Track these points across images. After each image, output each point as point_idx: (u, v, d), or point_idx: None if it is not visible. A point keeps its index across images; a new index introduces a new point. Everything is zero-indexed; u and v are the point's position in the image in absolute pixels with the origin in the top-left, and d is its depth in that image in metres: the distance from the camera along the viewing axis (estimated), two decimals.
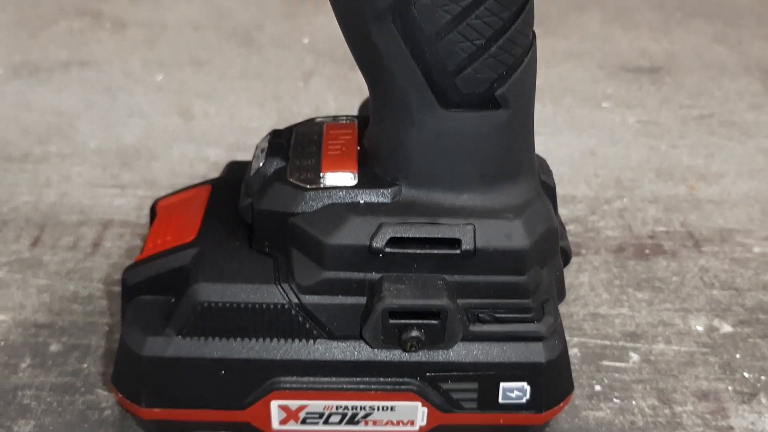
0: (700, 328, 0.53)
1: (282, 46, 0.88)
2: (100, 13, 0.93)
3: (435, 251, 0.39)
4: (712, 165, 0.70)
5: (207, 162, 0.68)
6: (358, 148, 0.42)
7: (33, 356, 0.49)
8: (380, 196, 0.40)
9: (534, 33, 0.39)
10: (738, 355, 0.51)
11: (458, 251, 0.39)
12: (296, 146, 0.43)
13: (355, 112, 0.48)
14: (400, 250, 0.39)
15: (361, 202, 0.40)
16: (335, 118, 0.46)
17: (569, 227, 0.61)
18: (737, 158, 0.71)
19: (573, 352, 0.50)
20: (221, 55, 0.86)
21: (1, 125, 0.72)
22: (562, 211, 0.63)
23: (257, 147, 0.45)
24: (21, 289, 0.54)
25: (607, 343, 0.52)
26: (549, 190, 0.44)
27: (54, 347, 0.50)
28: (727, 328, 0.53)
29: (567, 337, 0.50)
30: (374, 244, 0.39)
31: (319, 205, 0.40)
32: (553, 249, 0.42)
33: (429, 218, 0.39)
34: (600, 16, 0.98)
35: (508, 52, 0.37)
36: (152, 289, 0.43)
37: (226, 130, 0.72)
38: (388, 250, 0.39)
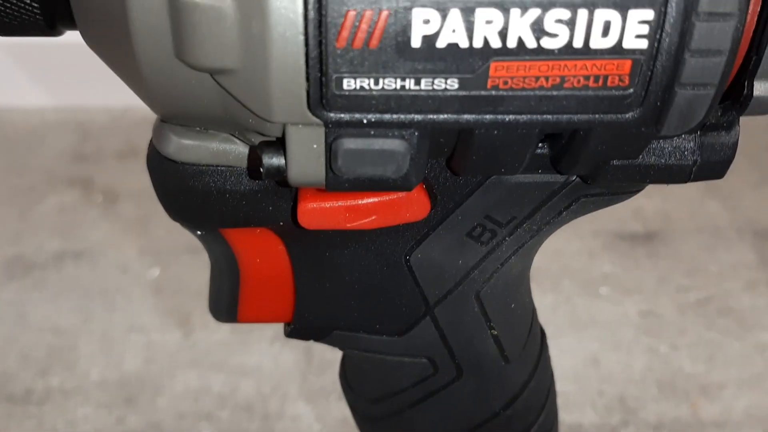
0: None
1: None
2: (90, 182, 0.92)
3: None
4: (713, 371, 0.71)
5: (211, 394, 0.68)
6: None
7: None
8: None
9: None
10: None
11: None
12: None
13: None
14: None
15: None
16: None
17: None
18: (737, 361, 0.72)
19: None
20: None
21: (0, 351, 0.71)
22: None
23: None
24: None
25: None
26: None
27: None
28: None
29: None
30: None
31: None
32: None
33: None
34: None
35: None
36: None
37: (227, 348, 0.72)
38: None
